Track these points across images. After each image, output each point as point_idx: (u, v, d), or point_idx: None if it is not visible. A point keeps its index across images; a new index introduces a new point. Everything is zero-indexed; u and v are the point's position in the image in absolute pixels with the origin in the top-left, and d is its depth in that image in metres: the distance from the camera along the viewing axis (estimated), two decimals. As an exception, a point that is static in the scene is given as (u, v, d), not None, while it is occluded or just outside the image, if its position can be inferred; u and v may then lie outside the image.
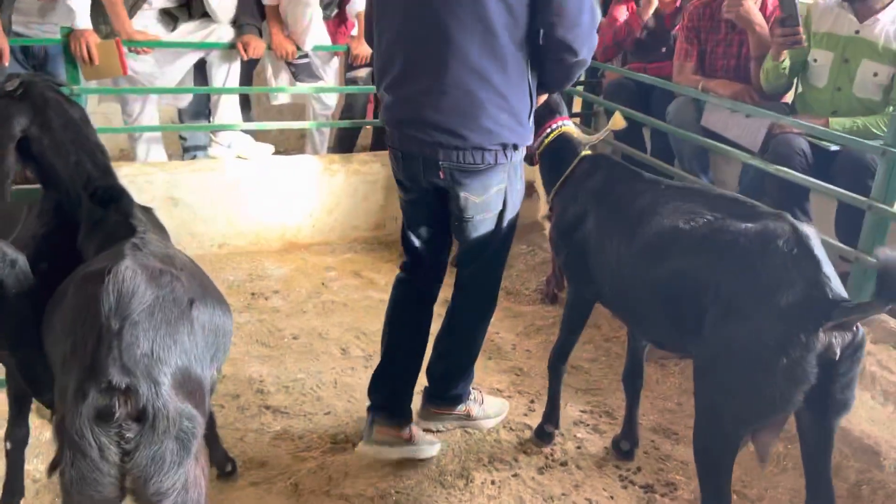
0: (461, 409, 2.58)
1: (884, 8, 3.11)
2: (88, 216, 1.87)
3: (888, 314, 2.64)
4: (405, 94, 2.11)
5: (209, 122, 4.29)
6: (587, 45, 2.05)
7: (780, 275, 1.66)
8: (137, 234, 1.64)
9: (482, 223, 2.25)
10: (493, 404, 2.66)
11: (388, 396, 2.45)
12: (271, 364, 3.00)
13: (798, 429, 1.87)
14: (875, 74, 3.09)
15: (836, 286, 1.66)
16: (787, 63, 3.26)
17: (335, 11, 4.17)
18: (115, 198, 1.87)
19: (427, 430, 2.57)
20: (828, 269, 1.67)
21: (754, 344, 1.66)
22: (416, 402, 2.58)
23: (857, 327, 1.65)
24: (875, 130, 3.00)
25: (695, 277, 1.83)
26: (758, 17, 3.41)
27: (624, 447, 2.51)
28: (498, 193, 2.20)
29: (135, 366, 1.23)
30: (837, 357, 1.62)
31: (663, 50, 3.95)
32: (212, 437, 2.26)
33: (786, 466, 2.54)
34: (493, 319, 3.35)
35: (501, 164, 2.13)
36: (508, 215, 2.29)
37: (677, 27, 3.94)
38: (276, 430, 2.59)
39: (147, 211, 2.10)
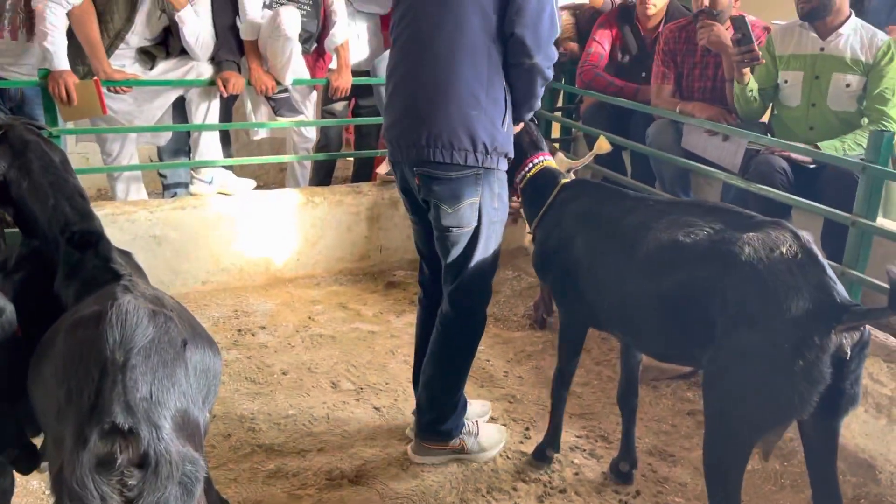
0: (454, 443, 2.54)
1: (843, 23, 3.21)
2: (66, 261, 1.84)
3: (878, 328, 2.67)
4: (392, 104, 2.26)
5: (189, 159, 4.27)
6: (544, 51, 2.14)
7: (788, 281, 1.70)
8: (125, 278, 1.62)
9: (459, 238, 2.28)
10: (489, 435, 2.61)
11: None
12: (261, 401, 2.95)
13: (803, 435, 1.89)
14: (847, 85, 3.18)
15: (841, 290, 1.72)
16: (753, 86, 3.33)
17: (314, 46, 4.19)
18: (93, 242, 1.85)
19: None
20: (831, 273, 1.74)
21: (769, 349, 1.70)
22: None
23: (864, 326, 1.71)
24: (862, 146, 3.04)
25: (701, 288, 1.86)
26: (727, 40, 3.48)
27: (623, 468, 2.50)
28: (471, 207, 2.23)
29: (136, 409, 1.20)
30: (848, 356, 1.67)
31: (643, 74, 4.01)
32: (205, 480, 2.22)
33: (783, 484, 2.54)
34: (482, 346, 3.37)
35: (472, 167, 2.16)
36: (486, 233, 2.29)
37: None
38: (270, 469, 2.55)
39: (126, 255, 2.07)
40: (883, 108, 3.10)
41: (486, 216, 2.26)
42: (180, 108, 4.16)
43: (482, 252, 2.32)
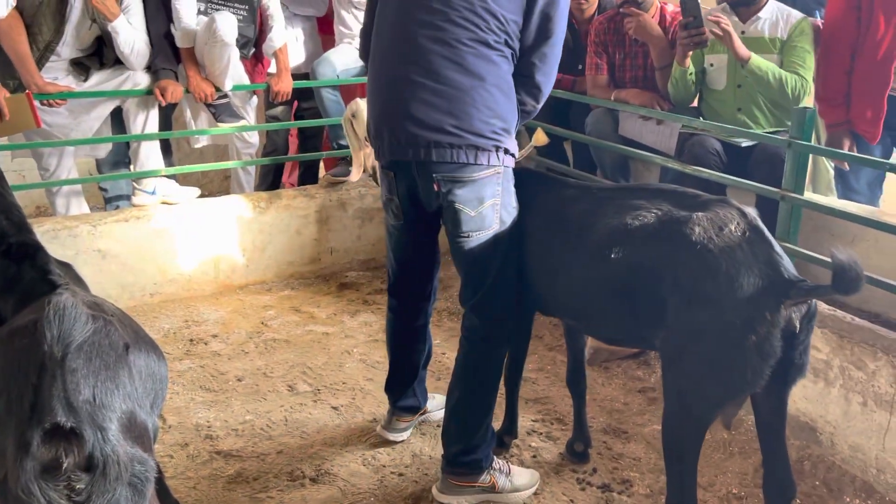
0: (485, 479, 2.34)
1: (761, 7, 3.34)
2: (2, 274, 1.81)
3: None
4: (397, 101, 2.11)
5: (129, 170, 4.20)
6: (543, 100, 2.27)
7: (739, 258, 1.73)
8: (61, 287, 1.60)
9: (479, 243, 2.18)
10: (521, 475, 2.42)
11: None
12: (218, 409, 2.94)
13: (754, 405, 1.95)
14: None
15: (788, 265, 1.76)
16: (692, 68, 3.43)
17: (252, 51, 4.17)
18: (30, 254, 1.80)
19: (383, 462, 2.50)
20: (779, 248, 1.78)
21: (723, 326, 1.73)
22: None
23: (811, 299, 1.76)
24: (787, 85, 3.17)
25: (651, 270, 1.88)
26: (655, 30, 3.58)
27: (578, 448, 2.56)
28: (492, 208, 2.16)
29: (79, 410, 1.19)
30: (798, 329, 1.73)
31: (580, 67, 4.09)
32: (161, 490, 2.20)
33: (732, 452, 2.64)
34: (438, 339, 3.41)
35: (494, 166, 2.12)
36: (505, 238, 2.21)
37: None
38: (230, 475, 2.54)
39: (66, 266, 2.04)
40: (797, 61, 3.21)
41: (505, 217, 2.20)
42: (118, 120, 4.09)
43: (503, 256, 2.22)
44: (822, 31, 3.36)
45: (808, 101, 3.38)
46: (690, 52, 3.36)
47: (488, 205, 2.15)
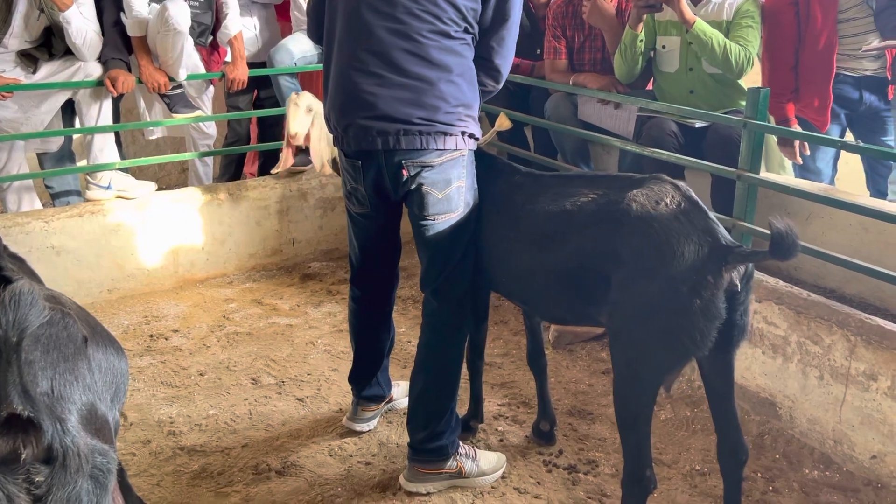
0: (452, 465, 2.35)
1: None
2: None
3: (768, 274, 2.84)
4: (361, 93, 2.11)
5: (74, 165, 4.09)
6: (507, 75, 2.31)
7: (678, 229, 1.80)
8: (14, 281, 1.56)
9: (445, 227, 2.21)
10: (488, 459, 2.43)
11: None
12: (180, 404, 2.89)
13: (703, 374, 2.02)
14: None
15: (723, 231, 1.84)
16: (643, 35, 3.43)
17: (210, 39, 4.09)
18: None
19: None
20: (713, 216, 1.85)
21: (669, 294, 1.79)
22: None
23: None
24: (730, 54, 3.18)
25: (593, 250, 1.94)
26: (609, 14, 3.59)
27: (544, 428, 2.60)
28: (458, 190, 2.19)
29: (37, 402, 1.16)
30: (738, 289, 1.81)
31: (538, 52, 4.10)
32: (124, 487, 2.16)
33: (695, 429, 2.68)
34: (402, 327, 3.41)
35: (461, 149, 2.17)
36: (469, 221, 2.24)
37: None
38: (194, 470, 2.51)
39: (19, 260, 1.98)
40: (741, 35, 3.24)
41: (469, 199, 2.23)
42: (70, 112, 3.99)
43: (467, 239, 2.26)
44: (762, 27, 3.42)
45: (757, 81, 3.44)
46: (644, 17, 3.38)
47: (454, 187, 2.18)
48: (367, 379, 2.64)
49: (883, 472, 2.34)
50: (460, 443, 2.41)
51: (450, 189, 2.18)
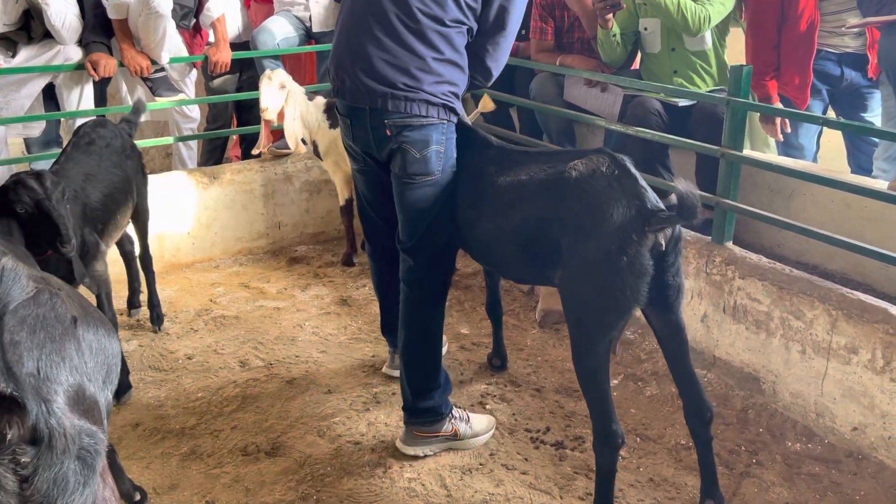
0: (447, 428, 2.44)
1: None
2: None
3: (751, 251, 2.87)
4: (361, 55, 2.24)
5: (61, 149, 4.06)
6: (493, 79, 2.44)
7: (609, 193, 1.96)
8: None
9: (421, 188, 2.31)
10: (479, 421, 2.53)
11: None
12: (168, 387, 2.90)
13: (656, 336, 2.14)
14: None
15: (653, 196, 1.96)
16: (616, 30, 3.45)
17: (193, 21, 4.05)
18: None
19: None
20: (644, 183, 1.98)
21: (601, 253, 1.94)
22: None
23: (676, 225, 1.95)
24: (686, 10, 3.22)
25: (543, 216, 2.10)
26: (584, 1, 3.60)
27: (496, 363, 2.96)
28: (436, 154, 2.29)
29: (22, 383, 1.16)
30: (664, 248, 1.93)
31: (523, 32, 4.08)
32: (115, 469, 2.17)
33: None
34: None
35: (442, 119, 2.27)
36: (444, 187, 2.34)
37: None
38: (184, 452, 2.51)
39: (12, 241, 1.99)
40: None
41: (446, 167, 2.33)
42: (51, 97, 3.95)
43: (442, 203, 2.34)
44: (747, 8, 3.44)
45: (741, 59, 3.45)
46: (610, 15, 3.40)
47: (433, 149, 2.28)
48: (397, 329, 2.65)
49: (864, 444, 2.38)
50: (454, 406, 2.49)
51: (428, 150, 2.27)
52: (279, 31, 4.17)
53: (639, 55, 3.70)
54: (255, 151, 3.95)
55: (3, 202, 2.27)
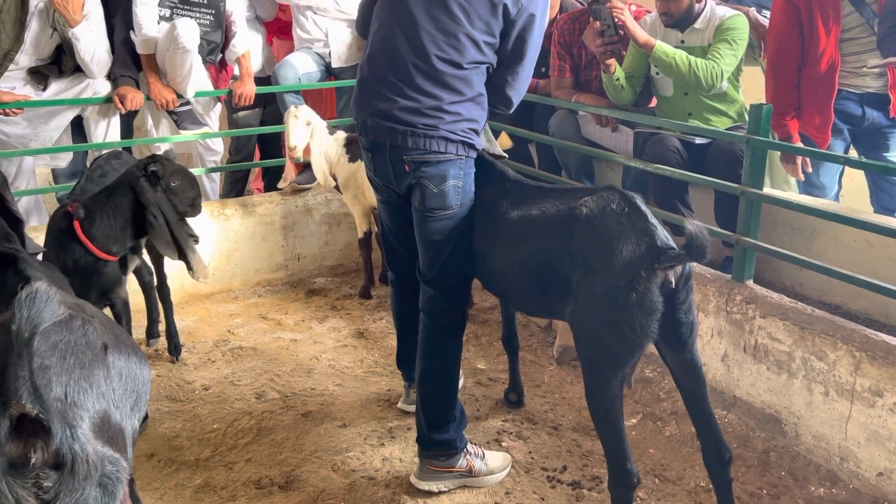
0: (462, 464, 2.42)
1: (698, 16, 3.40)
2: None
3: (773, 290, 2.83)
4: (383, 98, 2.28)
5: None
6: (514, 108, 2.47)
7: (618, 229, 1.97)
8: (34, 281, 1.59)
9: (441, 222, 2.33)
10: (495, 458, 2.51)
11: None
12: (184, 418, 2.90)
13: (673, 375, 2.12)
14: None
15: (662, 233, 1.97)
16: (619, 74, 3.47)
17: (219, 56, 4.13)
18: (10, 261, 1.85)
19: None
20: (654, 220, 1.99)
21: (610, 289, 1.95)
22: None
23: (685, 263, 1.95)
24: (697, 69, 3.21)
25: (554, 251, 2.12)
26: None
27: (512, 398, 2.94)
28: (454, 189, 2.32)
29: (49, 405, 1.17)
30: (674, 286, 1.94)
31: (542, 69, 4.12)
32: (133, 498, 2.16)
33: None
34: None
35: (461, 155, 2.30)
36: (462, 220, 2.36)
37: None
38: (197, 484, 2.50)
39: (50, 268, 2.05)
40: (713, 53, 3.27)
41: (464, 201, 2.36)
42: (79, 129, 4.03)
43: (459, 236, 2.37)
44: (767, 48, 3.44)
45: (761, 98, 3.45)
46: (611, 60, 3.43)
47: (450, 184, 2.31)
48: (412, 361, 2.64)
49: (890, 490, 2.32)
50: (468, 441, 2.47)
51: (445, 185, 2.30)
52: (301, 67, 4.24)
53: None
54: (280, 185, 4.00)
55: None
